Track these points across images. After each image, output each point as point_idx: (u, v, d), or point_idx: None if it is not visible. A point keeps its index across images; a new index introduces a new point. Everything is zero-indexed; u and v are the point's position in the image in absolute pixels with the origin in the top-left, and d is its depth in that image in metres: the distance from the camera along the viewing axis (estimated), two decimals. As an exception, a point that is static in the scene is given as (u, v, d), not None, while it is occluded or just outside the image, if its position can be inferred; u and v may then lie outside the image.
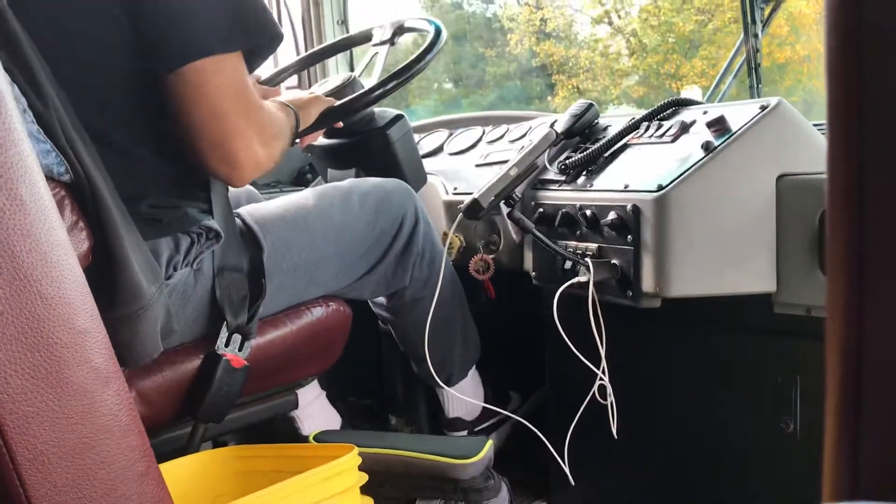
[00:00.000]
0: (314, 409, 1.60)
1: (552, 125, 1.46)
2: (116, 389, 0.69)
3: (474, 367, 1.64)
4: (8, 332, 0.61)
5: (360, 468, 0.97)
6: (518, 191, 1.40)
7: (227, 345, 1.17)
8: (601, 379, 1.29)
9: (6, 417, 0.61)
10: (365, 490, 0.98)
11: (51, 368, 0.64)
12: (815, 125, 1.26)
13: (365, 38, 1.67)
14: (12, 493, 0.61)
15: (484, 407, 1.58)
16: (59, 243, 0.67)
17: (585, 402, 1.31)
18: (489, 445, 1.08)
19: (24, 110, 0.91)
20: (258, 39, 1.14)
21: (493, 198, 1.33)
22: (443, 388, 1.56)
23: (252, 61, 1.17)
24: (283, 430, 1.58)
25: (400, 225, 1.43)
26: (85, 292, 0.69)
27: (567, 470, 1.34)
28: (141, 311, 1.03)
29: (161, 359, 1.11)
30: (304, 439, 1.39)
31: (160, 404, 1.13)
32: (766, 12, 1.68)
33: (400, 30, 1.53)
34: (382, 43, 1.60)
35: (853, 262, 0.34)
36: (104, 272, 0.97)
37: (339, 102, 1.43)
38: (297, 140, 1.41)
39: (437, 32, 1.50)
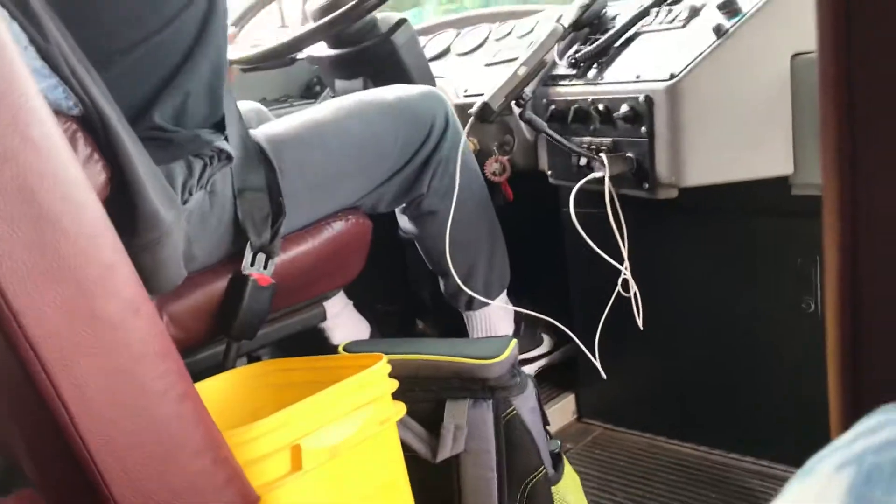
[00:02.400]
0: (342, 319, 1.63)
1: (559, 19, 1.43)
2: (147, 317, 0.71)
3: (504, 293, 1.58)
4: (37, 271, 0.63)
5: (390, 375, 1.00)
6: (528, 89, 1.38)
7: (252, 264, 1.19)
8: (624, 273, 1.31)
9: (47, 352, 0.64)
10: (396, 395, 1.02)
11: (82, 302, 0.66)
12: (829, -1, 1.22)
13: None
14: (60, 422, 0.65)
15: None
16: (75, 180, 0.69)
17: (613, 298, 1.32)
18: (514, 344, 1.11)
19: (24, 47, 0.91)
20: None
21: (503, 99, 1.32)
22: (462, 310, 1.55)
23: None
24: (314, 340, 1.62)
25: (427, 134, 1.38)
26: (107, 225, 0.71)
27: (598, 364, 1.37)
28: (161, 237, 1.05)
29: (189, 282, 1.13)
30: (335, 349, 1.43)
31: (193, 326, 1.16)
32: None
33: None
34: None
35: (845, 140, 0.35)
36: (122, 202, 0.99)
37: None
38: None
39: None
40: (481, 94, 1.40)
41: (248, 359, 1.38)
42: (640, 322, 1.32)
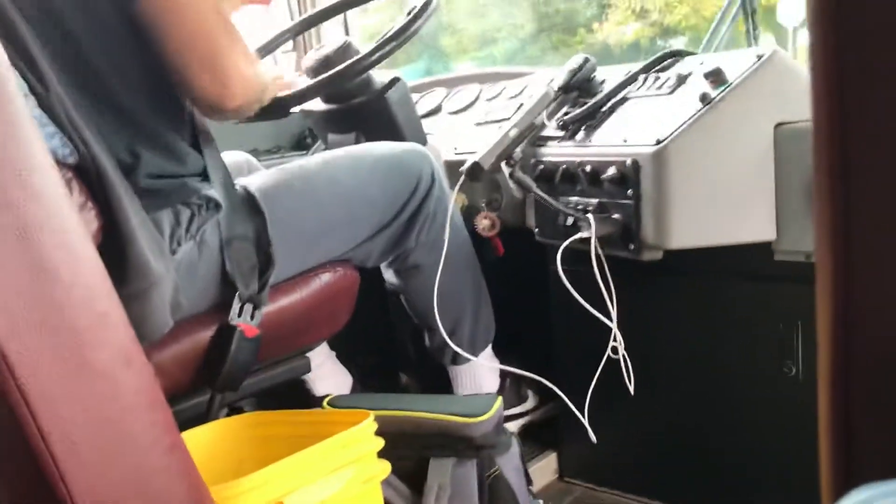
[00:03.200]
0: (325, 370, 1.63)
1: (550, 83, 1.47)
2: (139, 368, 0.71)
3: (489, 348, 1.58)
4: (33, 319, 0.63)
5: (375, 431, 1.00)
6: (518, 149, 1.40)
7: (239, 314, 1.19)
8: (614, 339, 1.31)
9: (36, 400, 0.64)
10: (379, 452, 1.01)
11: (74, 351, 0.66)
12: (811, 72, 1.26)
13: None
14: (47, 472, 0.64)
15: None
16: (73, 229, 0.69)
17: (604, 360, 1.33)
18: (499, 403, 1.11)
19: (25, 95, 0.92)
20: None
21: (493, 159, 1.34)
22: (447, 365, 1.55)
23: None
24: (296, 392, 1.61)
25: (414, 188, 1.41)
26: (102, 275, 0.71)
27: (588, 425, 1.36)
28: (150, 286, 1.05)
29: (176, 331, 1.13)
30: (318, 400, 1.42)
31: (177, 376, 1.16)
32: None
33: None
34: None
35: (839, 210, 0.36)
36: (113, 250, 0.99)
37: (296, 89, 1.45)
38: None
39: None
40: (472, 152, 1.43)
41: (230, 410, 1.37)
42: (630, 388, 1.32)
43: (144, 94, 1.16)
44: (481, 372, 1.56)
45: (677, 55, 1.45)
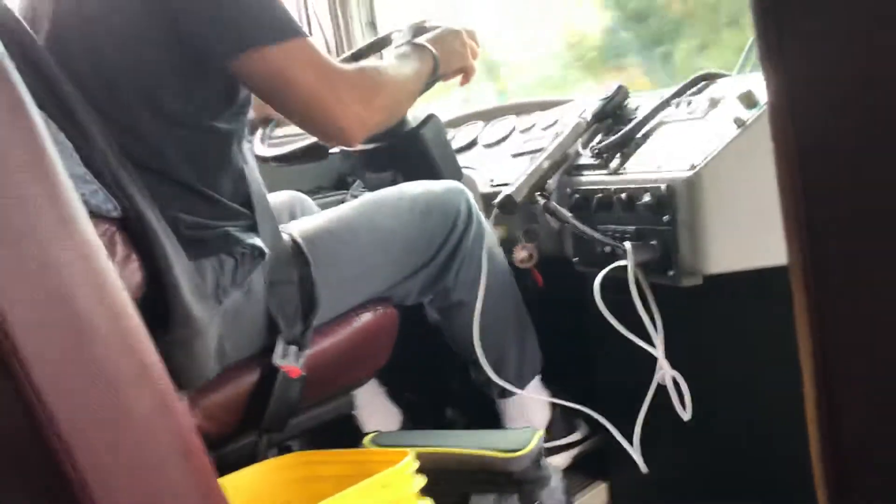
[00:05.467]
0: (374, 406, 1.64)
1: (581, 113, 1.47)
2: (176, 416, 0.73)
3: (538, 379, 1.58)
4: (72, 373, 0.66)
5: (416, 469, 1.00)
6: (552, 180, 1.41)
7: (283, 356, 1.22)
8: (660, 366, 1.30)
9: (77, 451, 0.66)
10: (421, 489, 1.02)
11: (113, 403, 0.69)
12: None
13: (385, 42, 1.69)
14: (88, 520, 0.66)
15: (547, 430, 1.52)
16: (112, 284, 0.72)
17: (653, 388, 1.31)
18: (539, 436, 1.11)
19: (70, 155, 0.96)
20: (299, 31, 1.20)
21: (526, 191, 1.35)
22: (496, 398, 1.54)
23: None
24: (346, 429, 1.63)
25: (452, 226, 1.43)
26: (140, 327, 0.73)
27: (638, 457, 1.34)
28: (194, 335, 1.08)
29: (220, 375, 1.16)
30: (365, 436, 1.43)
31: (224, 419, 1.18)
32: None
33: (418, 32, 1.55)
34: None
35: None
36: (157, 299, 1.02)
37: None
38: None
39: None
40: (508, 184, 1.44)
41: (279, 449, 1.39)
42: (684, 415, 1.30)
43: (192, 158, 1.20)
44: (530, 404, 1.55)
45: (710, 78, 1.44)
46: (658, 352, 1.28)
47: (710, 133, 1.28)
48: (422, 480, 1.01)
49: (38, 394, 0.64)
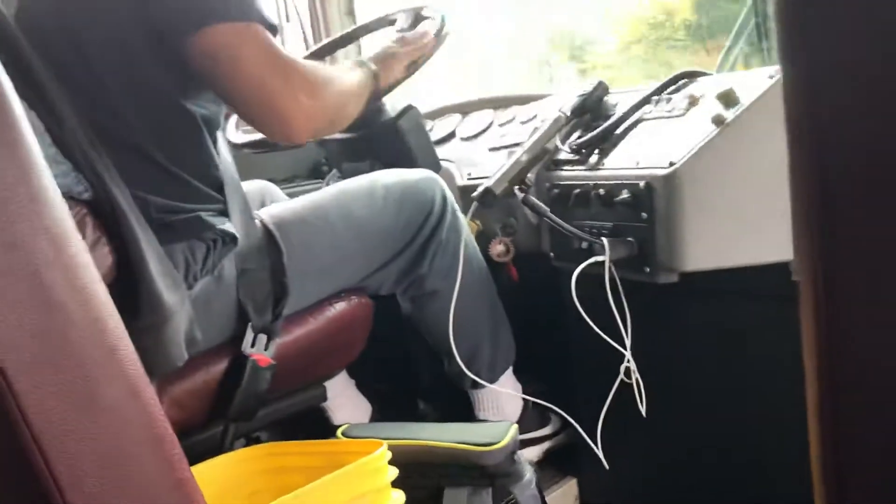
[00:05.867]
0: (344, 399, 1.63)
1: (561, 107, 1.47)
2: (146, 402, 0.71)
3: (510, 371, 1.57)
4: (41, 356, 0.63)
5: (388, 461, 0.99)
6: (531, 174, 1.40)
7: (252, 345, 1.20)
8: (628, 361, 1.30)
9: (44, 435, 0.64)
10: (393, 482, 1.00)
11: (82, 387, 0.67)
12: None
13: (384, 23, 1.67)
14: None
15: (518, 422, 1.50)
16: (84, 265, 0.70)
17: (616, 385, 1.32)
18: (513, 430, 1.11)
19: (41, 134, 0.93)
20: (265, 19, 1.16)
21: (505, 185, 1.34)
22: (468, 390, 1.54)
23: None
24: (315, 421, 1.61)
25: (427, 215, 1.42)
26: (111, 310, 0.71)
27: (600, 452, 1.35)
28: (164, 320, 1.06)
29: (191, 363, 1.13)
30: (335, 429, 1.42)
31: (192, 407, 1.16)
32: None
33: (417, 18, 1.54)
34: (402, 31, 1.60)
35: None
36: (127, 284, 1.00)
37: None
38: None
39: (443, 21, 1.50)
40: (485, 178, 1.43)
41: (247, 440, 1.37)
42: (643, 410, 1.31)
43: (165, 137, 1.18)
44: (502, 396, 1.55)
45: (690, 76, 1.45)
46: (626, 349, 1.28)
47: (690, 131, 1.28)
48: (394, 473, 1.00)
49: (4, 374, 0.62)
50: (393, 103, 1.63)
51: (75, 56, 1.11)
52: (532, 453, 1.57)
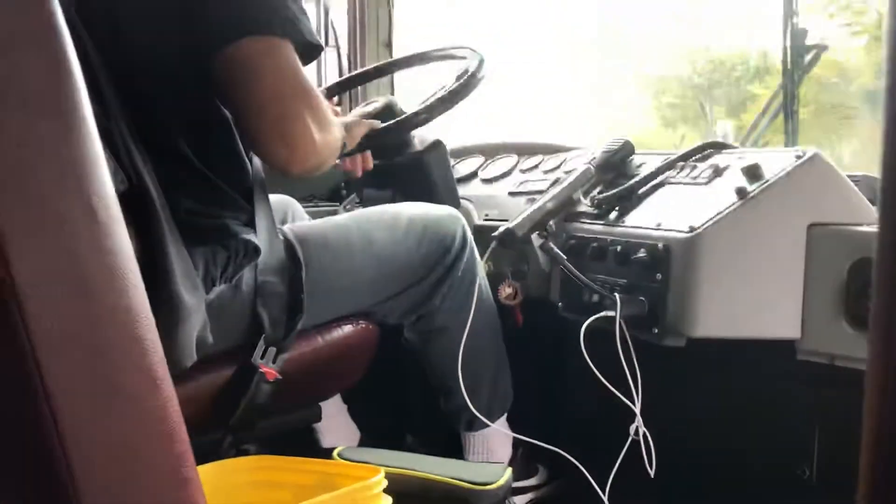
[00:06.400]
0: (336, 423, 1.63)
1: (590, 161, 1.49)
2: (166, 397, 0.72)
3: (504, 418, 1.57)
4: (70, 334, 0.64)
5: (384, 488, 0.99)
6: (552, 222, 1.42)
7: (262, 357, 1.20)
8: (637, 421, 1.30)
9: (63, 416, 0.64)
10: (387, 510, 1.00)
11: (106, 372, 0.67)
12: (849, 176, 1.28)
13: (435, 57, 1.70)
14: (60, 486, 0.64)
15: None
16: (124, 253, 0.71)
17: (628, 443, 1.31)
18: (509, 473, 1.11)
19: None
20: (304, 38, 1.16)
21: (527, 228, 1.36)
22: (461, 431, 1.53)
23: None
24: (303, 441, 1.60)
25: (446, 251, 1.43)
26: (143, 301, 0.72)
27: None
28: (179, 321, 1.06)
29: (198, 367, 1.14)
30: (324, 452, 1.42)
31: (192, 411, 1.14)
32: (807, 60, 1.70)
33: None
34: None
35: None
36: (147, 281, 1.00)
37: (381, 125, 1.47)
38: (339, 160, 1.44)
39: (480, 63, 1.53)
40: (503, 220, 1.45)
41: (237, 451, 1.37)
42: (651, 471, 1.30)
43: (200, 140, 1.18)
44: (495, 440, 1.54)
45: (716, 147, 1.47)
46: (636, 407, 1.29)
47: (712, 199, 1.30)
48: (388, 501, 1.00)
49: (34, 350, 0.63)
50: (421, 136, 1.65)
51: (120, 52, 1.13)
52: (519, 502, 1.56)
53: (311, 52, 1.22)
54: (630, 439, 1.29)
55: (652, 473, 1.28)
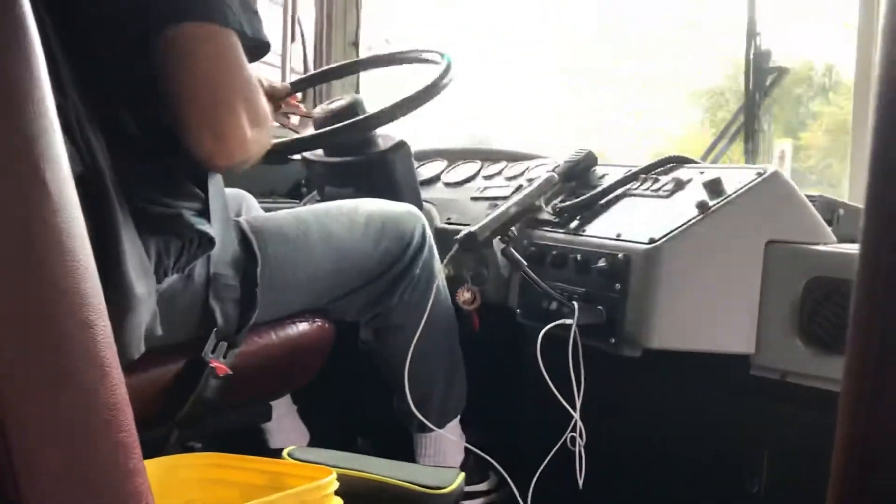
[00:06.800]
0: (285, 422, 1.60)
1: (554, 169, 1.49)
2: (114, 386, 0.69)
3: (457, 421, 1.56)
4: (17, 318, 0.61)
5: (335, 490, 0.97)
6: (513, 228, 1.42)
7: (213, 351, 1.17)
8: (572, 430, 1.30)
9: (7, 401, 0.61)
10: (337, 512, 0.98)
11: (54, 358, 0.65)
12: (807, 196, 1.30)
13: (403, 59, 1.70)
14: (2, 475, 0.62)
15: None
16: (77, 234, 0.68)
17: (555, 449, 1.32)
18: (462, 478, 1.09)
19: (45, 99, 0.92)
20: (247, 32, 1.12)
21: (489, 233, 1.35)
22: (413, 433, 1.52)
23: None
24: (252, 439, 1.57)
25: (405, 248, 1.42)
26: (96, 285, 0.70)
27: None
28: (128, 309, 1.03)
29: (145, 359, 1.10)
30: (272, 452, 1.39)
31: (138, 405, 1.11)
32: (768, 81, 1.74)
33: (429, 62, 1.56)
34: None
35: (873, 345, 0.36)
36: (98, 267, 0.97)
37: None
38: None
39: (448, 66, 1.53)
40: (464, 224, 1.44)
41: (182, 448, 1.33)
42: (580, 481, 1.30)
43: (153, 127, 1.14)
44: (446, 443, 1.53)
45: (678, 161, 1.49)
46: (575, 414, 1.29)
47: (673, 212, 1.31)
48: (339, 503, 0.98)
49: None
50: (385, 136, 1.64)
51: (77, 32, 1.09)
52: None
53: (256, 49, 1.17)
54: (559, 446, 1.29)
55: (580, 484, 1.28)
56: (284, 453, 1.16)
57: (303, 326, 1.33)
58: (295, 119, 1.66)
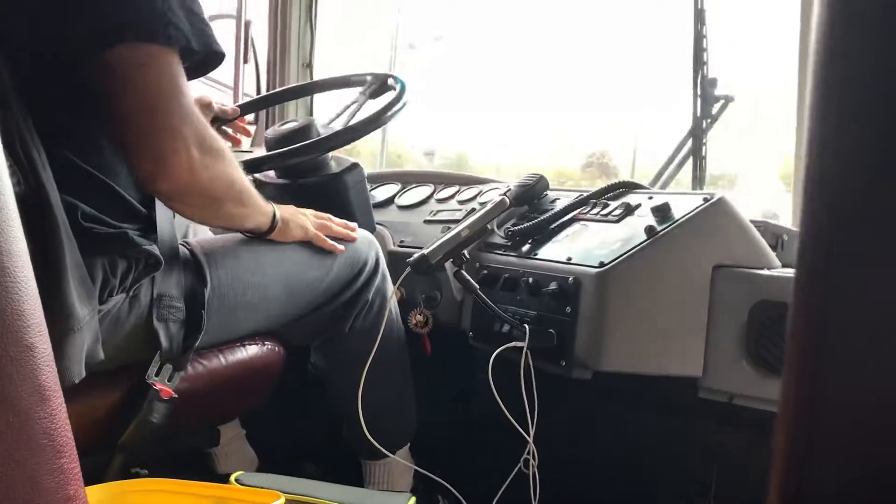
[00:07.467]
0: (233, 447, 1.57)
1: (505, 192, 1.50)
2: (54, 409, 0.67)
3: (407, 448, 1.55)
4: (-47, 339, 0.59)
5: (283, 514, 0.95)
6: (466, 251, 1.42)
7: (157, 374, 1.15)
8: (528, 452, 1.30)
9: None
10: (286, 537, 0.96)
11: (-9, 381, 0.62)
12: (752, 222, 1.32)
13: (356, 82, 1.70)
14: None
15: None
16: (17, 254, 0.67)
17: (514, 473, 1.31)
18: (412, 502, 1.08)
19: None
20: (196, 44, 1.09)
21: (441, 255, 1.36)
22: (362, 459, 1.51)
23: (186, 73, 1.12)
24: (198, 465, 1.54)
25: (357, 274, 1.41)
26: (36, 307, 0.68)
27: None
28: (70, 331, 1.01)
29: (88, 382, 1.07)
30: (220, 477, 1.36)
31: (78, 429, 1.08)
32: (715, 109, 1.78)
33: (383, 86, 1.56)
34: (363, 94, 1.63)
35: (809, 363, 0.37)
36: (40, 288, 0.94)
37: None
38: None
39: (402, 90, 1.54)
40: (417, 247, 1.44)
41: (126, 475, 1.30)
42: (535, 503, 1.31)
43: (95, 147, 1.12)
44: (396, 470, 1.51)
45: (628, 186, 1.51)
46: (529, 437, 1.29)
47: (623, 237, 1.33)
48: (286, 528, 0.96)
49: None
50: (338, 158, 1.64)
51: (18, 46, 1.06)
52: None
53: (208, 59, 1.16)
54: (517, 470, 1.29)
55: None
56: (232, 478, 1.13)
57: (252, 350, 1.31)
58: (247, 142, 1.65)
